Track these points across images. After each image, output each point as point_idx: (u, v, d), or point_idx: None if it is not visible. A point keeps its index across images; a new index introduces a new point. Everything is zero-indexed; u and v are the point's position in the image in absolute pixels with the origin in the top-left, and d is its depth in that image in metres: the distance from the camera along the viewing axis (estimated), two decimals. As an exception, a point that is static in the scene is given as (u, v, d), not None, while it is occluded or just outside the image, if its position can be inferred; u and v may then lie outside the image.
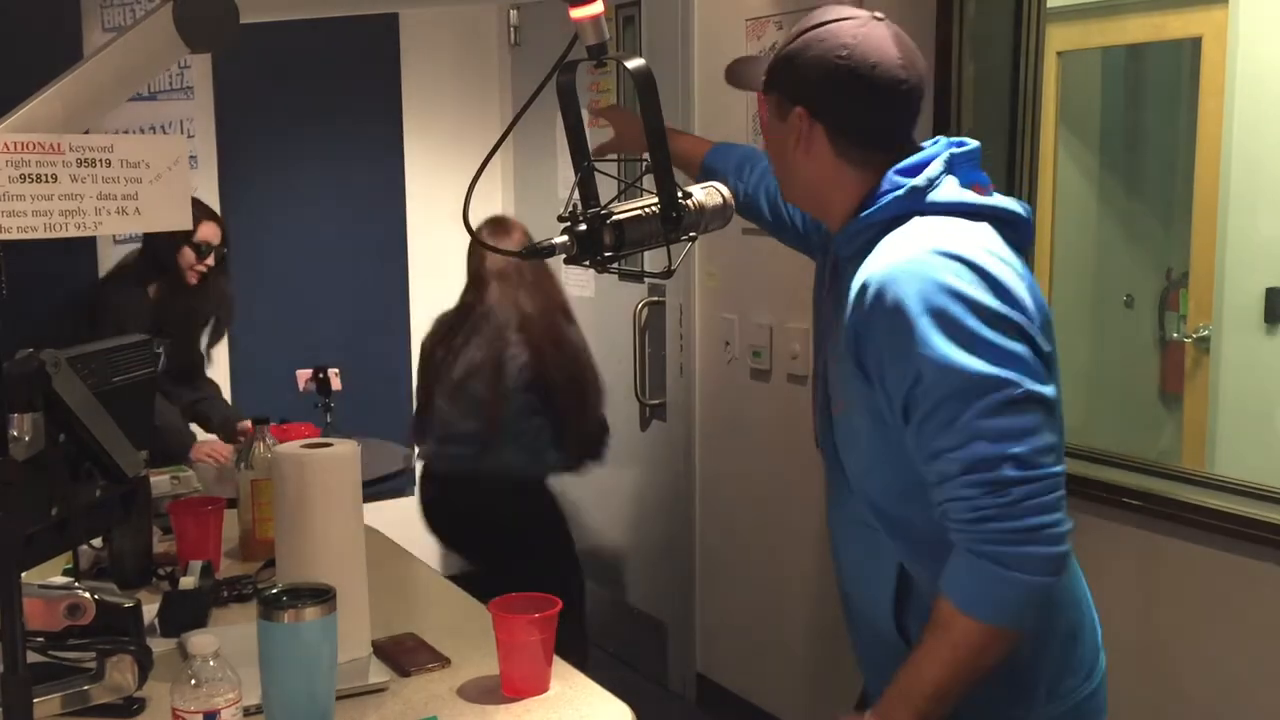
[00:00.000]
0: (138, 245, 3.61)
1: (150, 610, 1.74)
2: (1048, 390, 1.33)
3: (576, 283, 4.22)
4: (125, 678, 1.47)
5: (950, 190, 1.42)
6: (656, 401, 3.78)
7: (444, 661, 1.65)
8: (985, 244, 1.37)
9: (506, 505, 3.17)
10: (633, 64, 1.45)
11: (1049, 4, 2.71)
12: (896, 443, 1.38)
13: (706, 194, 1.58)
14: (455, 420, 3.21)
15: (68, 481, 1.42)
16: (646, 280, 3.75)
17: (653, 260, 1.79)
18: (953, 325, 1.30)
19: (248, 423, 3.68)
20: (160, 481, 2.28)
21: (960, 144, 1.46)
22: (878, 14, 1.47)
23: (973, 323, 1.30)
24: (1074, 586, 1.50)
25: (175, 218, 1.16)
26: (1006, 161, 2.67)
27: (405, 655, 1.67)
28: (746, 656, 3.49)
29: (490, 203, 4.55)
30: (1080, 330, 3.70)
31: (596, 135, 3.83)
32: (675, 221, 1.50)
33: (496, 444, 3.15)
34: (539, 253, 1.48)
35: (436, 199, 4.42)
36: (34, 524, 1.37)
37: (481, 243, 1.94)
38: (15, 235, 1.06)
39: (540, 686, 1.56)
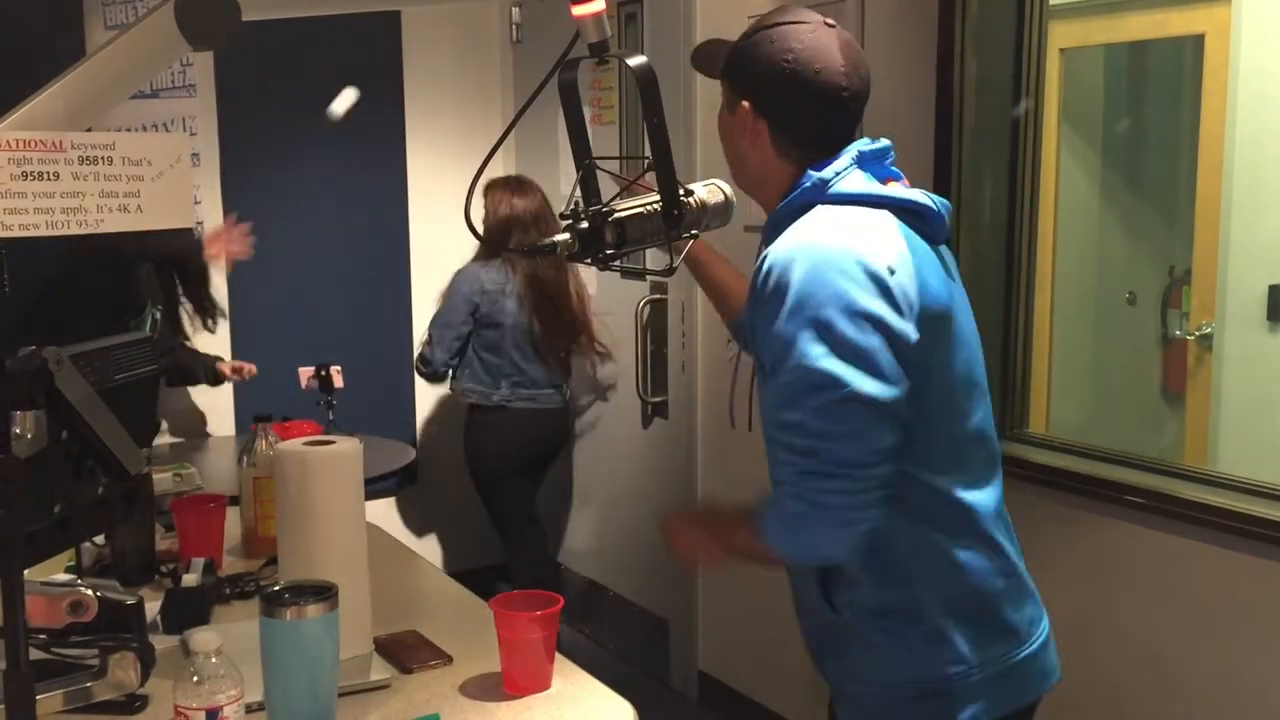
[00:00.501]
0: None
1: (152, 607, 1.75)
2: (881, 393, 1.38)
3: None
4: (128, 675, 1.47)
5: (854, 182, 1.48)
6: (658, 399, 3.78)
7: (446, 659, 1.65)
8: (877, 232, 1.44)
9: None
10: (634, 61, 1.45)
11: (1051, 1, 2.70)
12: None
13: (708, 191, 1.58)
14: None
15: (70, 479, 1.42)
16: (648, 278, 3.74)
17: (654, 258, 1.79)
18: (813, 313, 1.38)
19: (226, 366, 3.78)
20: (163, 479, 2.28)
21: (871, 142, 1.53)
22: (829, 20, 1.53)
23: (830, 313, 1.37)
24: (990, 561, 1.53)
25: (177, 215, 1.16)
26: (1009, 159, 2.67)
27: (407, 652, 1.67)
28: (748, 654, 3.49)
29: (492, 200, 4.55)
30: (1083, 328, 3.70)
31: (598, 133, 3.84)
32: (677, 219, 1.51)
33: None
34: (541, 250, 1.48)
35: (438, 196, 4.42)
36: (36, 521, 1.37)
37: (482, 239, 1.93)
38: (17, 232, 1.07)
39: (542, 684, 1.56)
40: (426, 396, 4.52)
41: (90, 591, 1.45)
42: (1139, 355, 3.77)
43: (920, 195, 1.51)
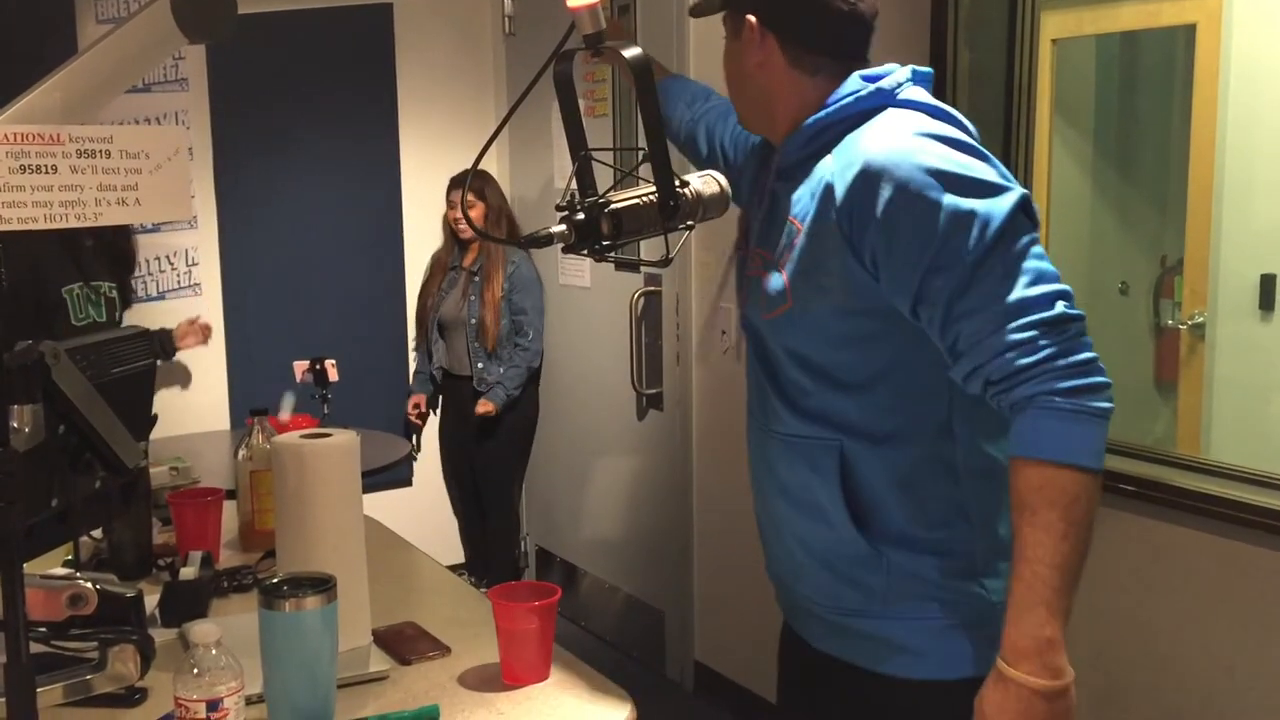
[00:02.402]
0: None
1: (151, 601, 1.75)
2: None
3: (574, 272, 4.22)
4: (127, 667, 1.48)
5: (920, 94, 1.46)
6: (653, 391, 3.79)
7: (444, 650, 1.66)
8: (961, 132, 1.41)
9: None
10: (630, 53, 1.45)
11: (1044, -9, 2.71)
12: (876, 325, 1.40)
13: (704, 183, 1.58)
14: None
15: (68, 473, 1.43)
16: (643, 269, 3.75)
17: (650, 249, 1.79)
18: (966, 184, 1.31)
19: (184, 327, 3.83)
20: (160, 472, 2.28)
21: (917, 68, 1.51)
22: None
23: (981, 173, 1.33)
24: None
25: (175, 208, 1.16)
26: (1001, 149, 2.67)
27: (406, 644, 1.67)
28: (744, 644, 3.51)
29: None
30: (1076, 317, 3.70)
31: (593, 125, 3.84)
32: (672, 210, 1.51)
33: None
34: (537, 241, 1.48)
35: (432, 189, 4.42)
36: (35, 515, 1.37)
37: (480, 232, 1.94)
38: (15, 226, 1.07)
39: (540, 674, 1.57)
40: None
41: (89, 585, 1.45)
42: (1131, 345, 3.77)
43: (965, 120, 1.48)
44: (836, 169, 1.40)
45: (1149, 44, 3.77)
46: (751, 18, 1.48)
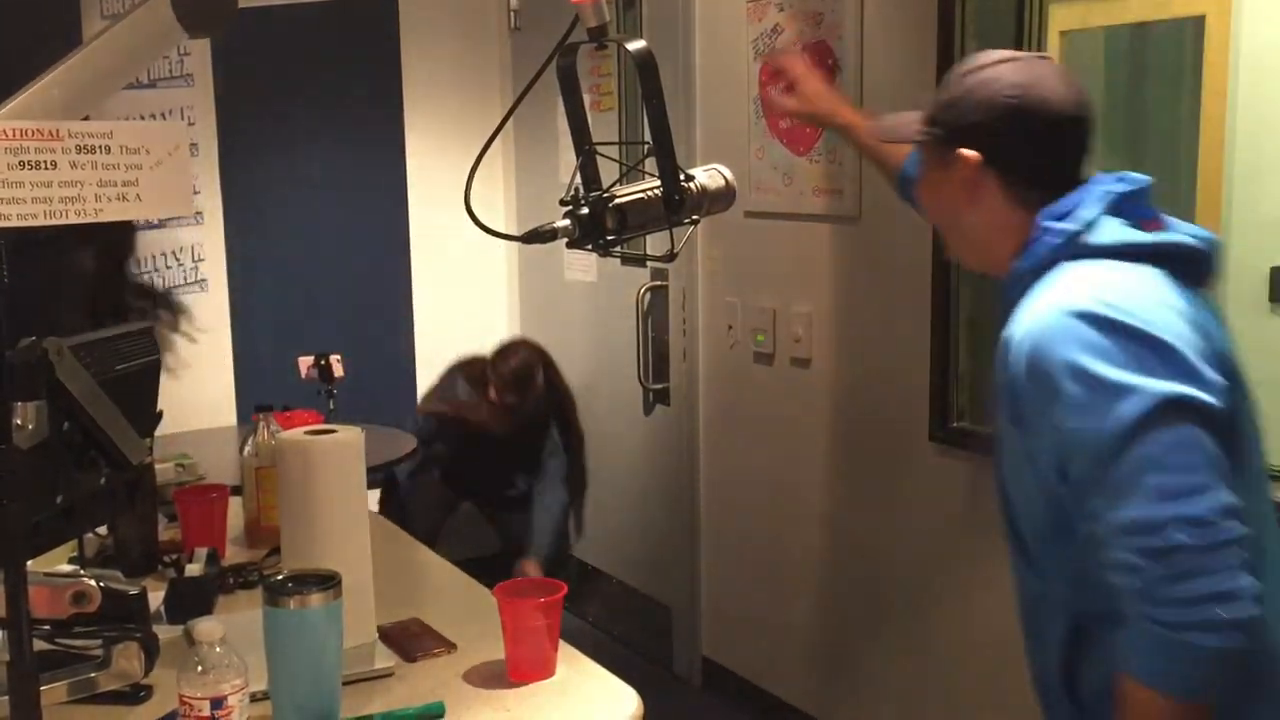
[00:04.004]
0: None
1: (155, 598, 1.75)
2: (1209, 398, 1.22)
3: (579, 267, 4.22)
4: (132, 665, 1.47)
5: (1109, 232, 1.32)
6: (659, 386, 3.78)
7: (450, 647, 1.65)
8: (1140, 291, 1.28)
9: None
10: (634, 46, 1.44)
11: (1051, -17, 2.69)
12: (1046, 501, 1.32)
13: (709, 176, 1.57)
14: None
15: (72, 469, 1.42)
16: (649, 264, 3.74)
17: (655, 244, 1.78)
18: (1096, 382, 1.22)
19: None
20: (165, 469, 2.28)
21: (1122, 179, 1.36)
22: (1043, 54, 1.45)
23: (1118, 368, 1.22)
24: None
25: (176, 204, 1.16)
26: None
27: (411, 640, 1.67)
28: (752, 640, 3.50)
29: (492, 187, 4.55)
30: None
31: (597, 119, 3.83)
32: (678, 204, 1.50)
33: None
34: (541, 237, 1.47)
35: (437, 183, 4.41)
36: (39, 512, 1.37)
37: (484, 227, 1.92)
38: (15, 222, 1.06)
39: (546, 671, 1.56)
40: (427, 385, 4.52)
41: (94, 582, 1.45)
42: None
43: (1186, 236, 1.35)
44: (1003, 341, 1.33)
45: (1158, 36, 3.75)
46: (971, 153, 1.38)
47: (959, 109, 1.40)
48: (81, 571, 1.54)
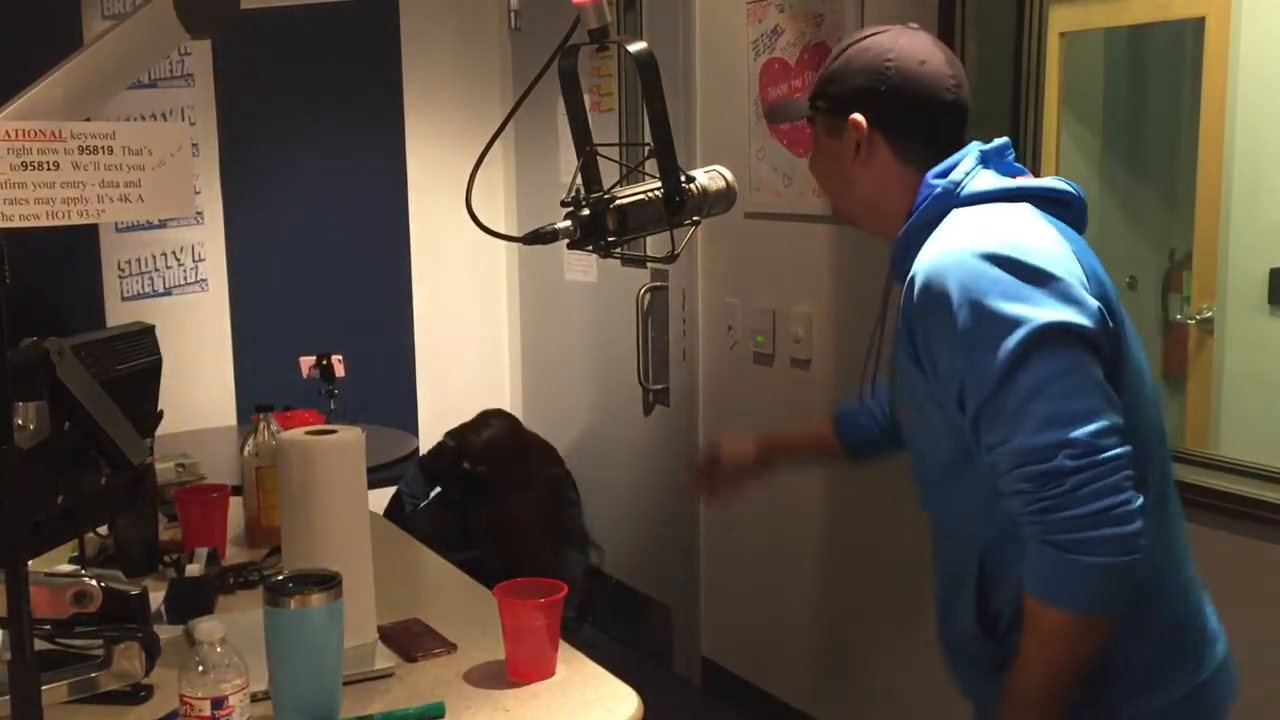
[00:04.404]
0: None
1: (156, 598, 1.75)
2: (1088, 323, 1.30)
3: (579, 268, 4.22)
4: (132, 665, 1.47)
5: (984, 181, 1.44)
6: (659, 387, 3.78)
7: (450, 647, 1.66)
8: (1022, 222, 1.38)
9: None
10: (635, 47, 1.44)
11: (1051, -15, 2.70)
12: (958, 426, 1.38)
13: (709, 178, 1.57)
14: None
15: (73, 469, 1.42)
16: (649, 265, 3.74)
17: (655, 245, 1.78)
18: (984, 314, 1.30)
19: None
20: (166, 469, 2.28)
21: (987, 142, 1.49)
22: (912, 24, 1.52)
23: (1008, 300, 1.29)
24: (1174, 574, 1.48)
25: (178, 204, 1.16)
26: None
27: (411, 640, 1.67)
28: (751, 640, 3.50)
29: (493, 187, 4.56)
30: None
31: (598, 120, 3.84)
32: (678, 206, 1.50)
33: None
34: (542, 237, 1.47)
35: (438, 184, 4.42)
36: (40, 512, 1.37)
37: (485, 228, 1.92)
38: (18, 223, 1.06)
39: (546, 671, 1.56)
40: (428, 385, 4.53)
41: (94, 582, 1.45)
42: (1140, 339, 3.76)
43: (1057, 182, 1.47)
44: (906, 285, 1.41)
45: (1158, 37, 3.76)
46: (858, 117, 1.48)
47: (842, 78, 1.51)
48: (82, 571, 1.54)
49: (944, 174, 1.46)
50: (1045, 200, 1.44)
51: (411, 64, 4.40)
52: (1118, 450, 1.27)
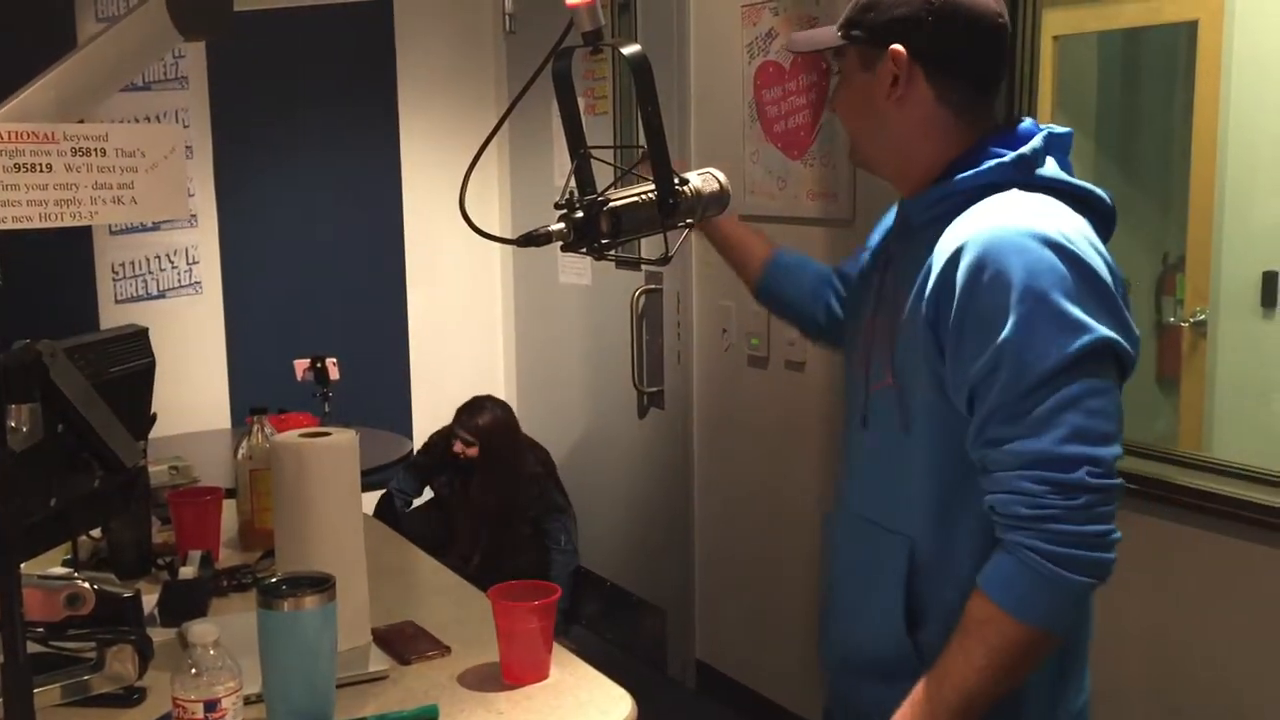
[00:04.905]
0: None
1: (150, 600, 1.75)
2: (1132, 351, 1.28)
3: (573, 270, 4.22)
4: (126, 667, 1.47)
5: (1053, 168, 1.36)
6: (654, 389, 3.78)
7: (444, 649, 1.66)
8: (1085, 230, 1.32)
9: None
10: (629, 50, 1.44)
11: (1045, -12, 2.70)
12: (954, 416, 1.32)
13: (703, 180, 1.58)
14: None
15: (66, 472, 1.42)
16: (643, 267, 3.74)
17: (650, 247, 1.78)
18: (1049, 307, 1.24)
19: None
20: (159, 471, 2.28)
21: (1052, 127, 1.40)
22: None
23: (1071, 301, 1.24)
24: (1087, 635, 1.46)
25: (172, 206, 1.16)
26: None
27: (405, 643, 1.67)
28: (746, 643, 3.50)
29: (487, 190, 4.56)
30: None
31: (592, 122, 3.84)
32: (672, 208, 1.50)
33: None
34: (536, 240, 1.47)
35: (433, 187, 4.41)
36: (33, 514, 1.37)
37: (479, 230, 1.92)
38: (10, 225, 1.06)
39: (540, 673, 1.56)
40: (422, 388, 4.52)
41: (88, 584, 1.45)
42: None
43: (1101, 190, 1.40)
44: (941, 248, 1.32)
45: (1151, 41, 3.77)
46: (899, 48, 1.35)
47: (883, 5, 1.37)
48: (75, 574, 1.54)
49: (1010, 144, 1.35)
50: (1091, 210, 1.37)
51: (406, 66, 4.40)
52: (1121, 482, 1.27)
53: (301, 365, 3.74)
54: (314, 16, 4.06)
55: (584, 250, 1.49)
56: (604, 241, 1.48)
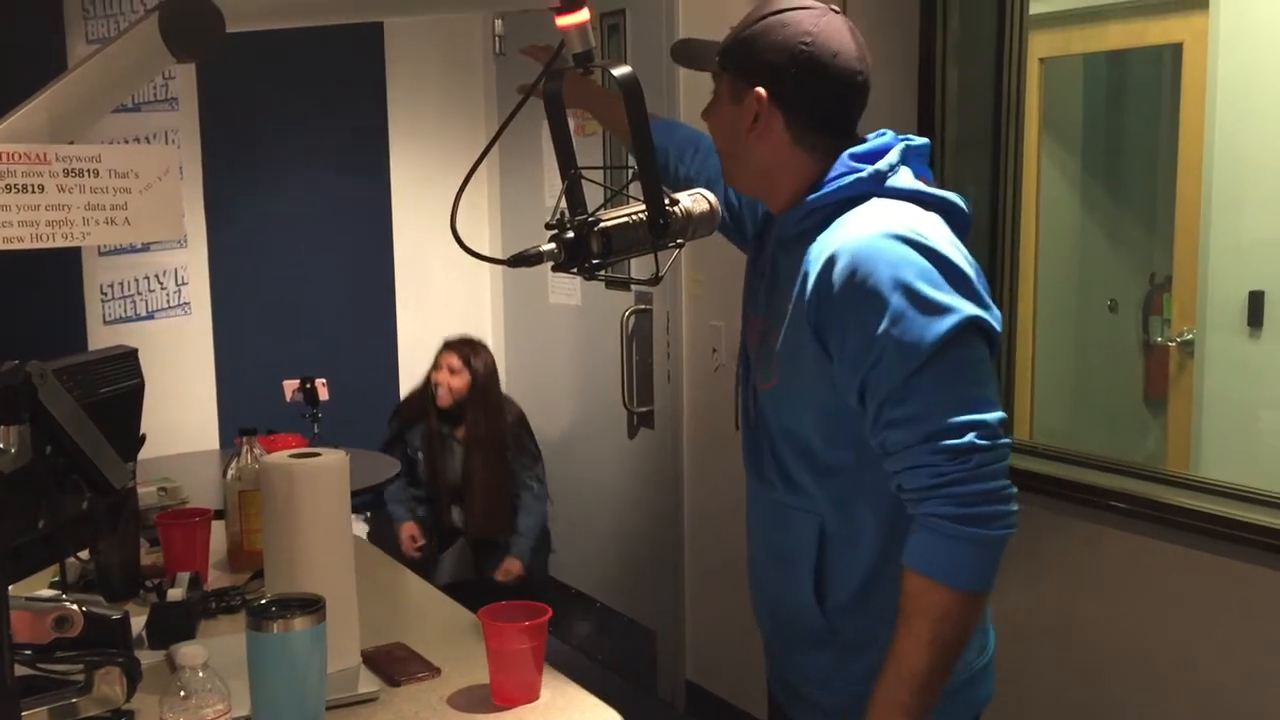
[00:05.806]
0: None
1: (138, 622, 1.74)
2: (996, 325, 1.40)
3: (563, 291, 4.22)
4: (114, 690, 1.46)
5: (906, 179, 1.47)
6: (644, 409, 3.79)
7: (434, 671, 1.65)
8: (940, 229, 1.43)
9: None
10: (619, 71, 1.45)
11: (1031, 10, 2.72)
12: (843, 408, 1.43)
13: (694, 201, 1.58)
14: None
15: (54, 493, 1.41)
16: (634, 288, 3.75)
17: (640, 268, 1.79)
18: (916, 296, 1.35)
19: None
20: (148, 493, 2.27)
21: (909, 139, 1.51)
22: (834, 6, 1.52)
23: (935, 287, 1.36)
24: None
25: (166, 228, 1.16)
26: (990, 168, 2.68)
27: (395, 665, 1.66)
28: (736, 663, 3.49)
29: (477, 211, 4.56)
30: (1065, 335, 3.72)
31: (582, 144, 3.85)
32: (662, 229, 1.50)
33: None
34: (526, 260, 1.47)
35: (422, 208, 4.42)
36: (21, 536, 1.36)
37: (470, 251, 1.92)
38: (1, 246, 1.06)
39: (531, 695, 1.56)
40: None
41: (76, 606, 1.44)
42: (1121, 361, 3.79)
43: (956, 196, 1.51)
44: (813, 257, 1.43)
45: (1136, 63, 3.80)
46: (761, 91, 1.48)
47: (754, 48, 1.48)
48: (63, 596, 1.53)
49: (866, 158, 1.47)
50: (945, 212, 1.47)
51: (396, 88, 4.42)
52: (1008, 440, 1.38)
53: (291, 386, 3.74)
54: (304, 38, 4.06)
55: (575, 270, 1.50)
56: (594, 262, 1.48)
